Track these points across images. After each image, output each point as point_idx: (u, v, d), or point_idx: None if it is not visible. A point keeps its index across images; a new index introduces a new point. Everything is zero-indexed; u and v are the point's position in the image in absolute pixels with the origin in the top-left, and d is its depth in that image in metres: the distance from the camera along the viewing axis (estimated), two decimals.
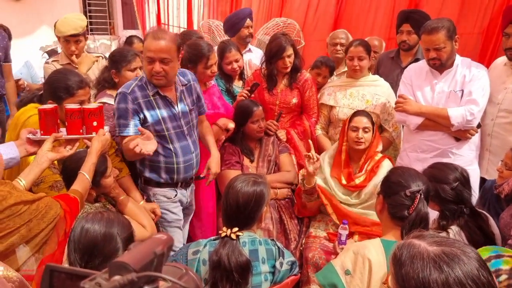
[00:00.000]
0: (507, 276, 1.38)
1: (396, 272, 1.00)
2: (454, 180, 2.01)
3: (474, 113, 2.61)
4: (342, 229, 2.43)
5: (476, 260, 0.95)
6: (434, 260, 0.95)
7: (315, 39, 4.77)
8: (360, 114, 2.73)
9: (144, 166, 2.46)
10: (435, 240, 1.00)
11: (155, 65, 2.22)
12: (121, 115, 2.29)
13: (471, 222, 1.96)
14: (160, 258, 0.59)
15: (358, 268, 1.61)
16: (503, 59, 2.84)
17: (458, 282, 0.91)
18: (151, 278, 0.56)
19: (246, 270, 1.73)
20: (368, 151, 2.71)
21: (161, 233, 0.64)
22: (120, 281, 0.52)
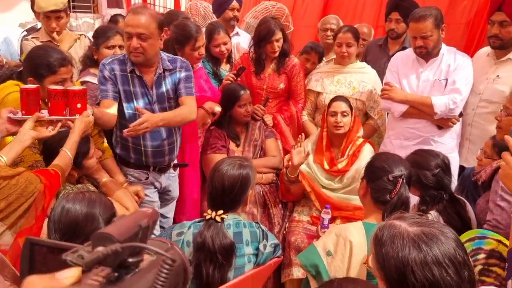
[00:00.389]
0: (485, 255, 1.44)
1: (377, 252, 1.02)
2: (435, 166, 2.06)
3: (457, 102, 2.66)
4: (324, 214, 2.47)
5: (454, 240, 0.98)
6: (413, 239, 0.97)
7: (304, 25, 4.74)
8: (338, 99, 2.77)
9: (117, 142, 2.47)
10: (415, 221, 1.03)
11: (133, 40, 2.19)
12: (100, 82, 2.31)
13: (449, 208, 2.02)
14: (145, 231, 0.57)
15: (339, 250, 1.65)
16: (486, 50, 2.89)
17: (436, 260, 0.94)
18: (136, 250, 0.54)
19: (230, 252, 1.76)
20: (349, 136, 2.74)
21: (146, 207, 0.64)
22: (103, 251, 0.50)
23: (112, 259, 0.51)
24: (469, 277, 0.95)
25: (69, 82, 2.07)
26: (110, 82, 2.30)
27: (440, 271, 0.93)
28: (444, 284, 0.92)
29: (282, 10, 4.36)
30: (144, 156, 2.45)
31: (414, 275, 0.93)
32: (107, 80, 2.29)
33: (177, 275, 0.58)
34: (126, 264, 0.53)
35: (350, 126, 2.73)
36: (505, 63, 2.72)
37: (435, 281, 0.92)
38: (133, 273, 0.54)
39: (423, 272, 0.93)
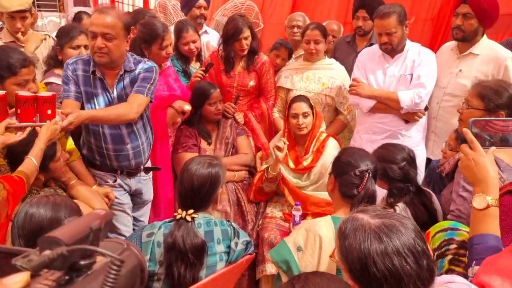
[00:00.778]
0: (457, 245, 1.49)
1: (341, 245, 1.05)
2: (401, 160, 2.11)
3: (422, 96, 2.73)
4: (295, 211, 2.50)
5: (413, 231, 1.01)
6: (374, 231, 1.00)
7: (274, 22, 4.77)
8: (298, 100, 2.76)
9: (83, 144, 2.43)
10: (377, 213, 1.06)
11: (97, 40, 2.13)
12: (63, 82, 2.27)
13: (416, 200, 2.08)
14: (96, 233, 0.56)
15: (309, 245, 1.67)
16: (450, 44, 2.96)
17: (396, 251, 0.97)
18: (87, 253, 0.54)
19: (201, 251, 1.75)
20: (312, 133, 2.76)
21: (100, 209, 0.63)
22: (49, 255, 0.50)
23: (60, 262, 0.51)
24: (427, 265, 0.98)
25: (31, 83, 2.02)
26: (72, 82, 2.25)
27: (400, 261, 0.96)
28: (404, 273, 0.95)
29: (251, 8, 4.37)
30: (108, 159, 2.41)
31: (376, 266, 0.96)
32: (70, 80, 2.25)
33: (133, 276, 0.58)
34: (78, 267, 0.53)
35: (312, 125, 2.75)
36: (467, 57, 2.79)
37: (395, 271, 0.95)
38: (85, 276, 0.54)
39: (384, 262, 0.96)
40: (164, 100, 2.76)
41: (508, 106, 1.92)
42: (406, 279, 0.95)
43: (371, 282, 0.98)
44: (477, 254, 1.26)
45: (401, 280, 0.95)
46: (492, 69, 2.67)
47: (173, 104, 2.81)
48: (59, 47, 2.59)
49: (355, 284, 1.02)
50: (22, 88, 1.98)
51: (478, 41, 2.76)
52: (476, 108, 1.98)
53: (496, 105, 1.93)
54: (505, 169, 1.78)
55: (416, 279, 0.95)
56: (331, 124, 3.26)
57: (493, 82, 2.10)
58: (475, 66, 2.73)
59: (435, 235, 1.61)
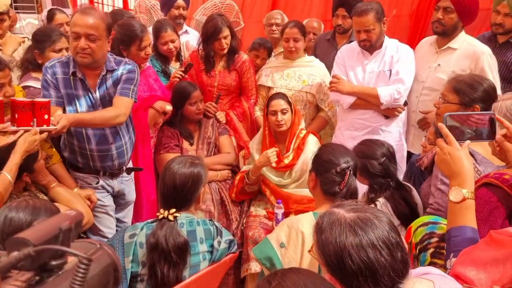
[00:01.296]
0: (438, 238, 1.52)
1: (318, 239, 1.07)
2: (381, 155, 2.14)
3: (401, 92, 2.77)
4: (277, 209, 2.52)
5: (387, 224, 1.03)
6: (350, 225, 1.02)
7: (254, 21, 4.78)
8: (276, 97, 2.76)
9: (65, 146, 2.39)
10: (352, 207, 1.08)
11: (81, 41, 2.11)
12: (43, 87, 2.24)
13: (396, 194, 2.11)
14: (66, 233, 0.57)
15: (292, 241, 1.68)
16: (430, 39, 2.99)
17: (370, 243, 0.99)
18: (58, 253, 0.55)
19: (184, 250, 1.75)
20: (291, 130, 2.77)
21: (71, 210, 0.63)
22: (16, 256, 0.50)
23: (29, 263, 0.51)
24: (402, 257, 1.00)
25: (6, 86, 1.99)
26: (52, 86, 2.22)
27: (374, 253, 0.98)
28: (379, 265, 0.97)
29: (231, 7, 4.38)
30: (91, 160, 2.39)
31: (351, 258, 0.98)
32: (49, 85, 2.22)
33: (106, 274, 0.59)
34: (49, 267, 0.54)
35: (291, 121, 2.76)
36: (445, 52, 2.82)
37: (370, 263, 0.97)
38: (56, 276, 0.54)
39: (359, 255, 0.98)
40: (145, 101, 2.74)
41: (482, 100, 1.95)
42: (380, 271, 0.97)
43: (347, 275, 0.99)
44: (455, 246, 1.29)
45: (375, 272, 0.97)
46: (469, 64, 2.71)
47: (154, 104, 2.80)
48: (39, 50, 2.52)
49: (332, 277, 1.04)
50: None
51: (457, 35, 2.80)
52: (451, 102, 2.01)
53: (471, 99, 1.96)
54: (481, 162, 1.81)
55: (391, 271, 0.97)
56: (313, 121, 3.28)
57: (468, 76, 2.13)
58: (453, 61, 2.77)
59: (417, 230, 1.64)
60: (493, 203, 1.51)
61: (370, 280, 0.97)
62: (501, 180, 1.53)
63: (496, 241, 1.13)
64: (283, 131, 2.75)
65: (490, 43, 3.06)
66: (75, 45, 2.14)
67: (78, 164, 2.41)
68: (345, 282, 1.01)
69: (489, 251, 1.11)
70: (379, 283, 0.97)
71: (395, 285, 0.98)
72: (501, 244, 1.10)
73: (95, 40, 2.13)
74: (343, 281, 1.02)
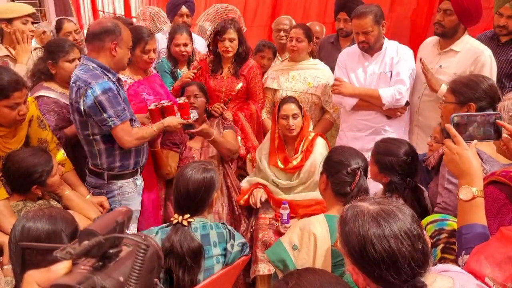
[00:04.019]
0: (447, 234, 1.56)
1: (342, 230, 1.10)
2: (405, 153, 2.11)
3: (402, 93, 2.81)
4: (283, 209, 2.55)
5: (410, 216, 1.07)
6: (373, 216, 1.06)
7: (256, 25, 4.82)
8: (287, 102, 2.77)
9: (114, 156, 2.38)
10: (376, 201, 1.12)
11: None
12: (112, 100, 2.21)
13: (411, 195, 2.11)
14: (121, 226, 0.67)
15: (304, 243, 1.71)
16: (432, 39, 3.00)
17: (393, 234, 1.03)
18: (115, 243, 0.64)
19: (198, 255, 1.79)
20: (301, 133, 2.80)
21: (121, 207, 0.71)
22: (90, 243, 0.60)
23: (96, 250, 0.62)
24: (422, 248, 1.04)
25: (22, 105, 2.03)
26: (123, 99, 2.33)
27: (396, 243, 1.02)
28: (400, 255, 1.01)
29: (233, 12, 4.41)
30: (141, 155, 2.48)
31: (374, 248, 1.02)
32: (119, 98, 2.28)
33: (152, 261, 0.68)
34: (108, 255, 0.64)
35: (301, 125, 2.78)
36: (448, 54, 2.84)
37: (392, 252, 1.01)
38: (115, 261, 0.64)
39: (382, 244, 1.02)
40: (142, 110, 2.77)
41: (479, 99, 1.97)
42: (402, 260, 1.01)
43: (370, 264, 1.03)
44: (466, 244, 1.32)
45: (397, 261, 1.01)
46: (470, 66, 2.73)
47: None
48: (53, 61, 2.55)
49: (355, 267, 1.08)
50: (12, 110, 2.00)
51: (459, 38, 2.80)
52: (449, 102, 2.04)
53: (466, 98, 1.98)
54: (488, 160, 1.84)
55: (411, 261, 1.01)
56: (318, 123, 3.32)
57: (466, 76, 2.15)
58: (455, 63, 2.79)
59: (426, 227, 1.67)
60: (501, 201, 1.54)
61: (392, 269, 1.01)
62: (508, 178, 1.56)
63: (507, 237, 1.16)
64: (294, 135, 2.78)
65: (492, 42, 3.09)
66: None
67: (129, 167, 2.44)
68: (367, 271, 1.05)
69: (501, 248, 1.14)
70: (400, 272, 1.01)
71: (416, 275, 1.01)
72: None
73: None
74: (365, 270, 1.06)
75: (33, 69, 2.64)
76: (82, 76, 2.20)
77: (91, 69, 2.22)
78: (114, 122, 2.22)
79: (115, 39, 2.24)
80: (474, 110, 1.93)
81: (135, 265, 0.62)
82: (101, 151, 2.35)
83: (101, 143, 2.33)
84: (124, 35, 2.26)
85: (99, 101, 2.17)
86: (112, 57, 2.26)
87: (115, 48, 2.25)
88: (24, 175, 2.01)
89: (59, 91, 2.58)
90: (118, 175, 2.42)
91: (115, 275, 0.61)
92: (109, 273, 0.61)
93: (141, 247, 0.63)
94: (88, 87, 2.17)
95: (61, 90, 2.58)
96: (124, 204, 2.46)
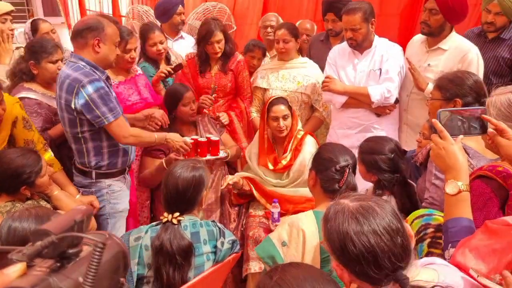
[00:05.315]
0: (434, 229, 1.57)
1: (324, 228, 1.12)
2: (390, 151, 2.13)
3: (391, 91, 2.82)
4: (273, 208, 2.55)
5: (389, 212, 1.09)
6: (352, 213, 1.07)
7: (246, 23, 4.81)
8: (277, 103, 2.74)
9: (102, 154, 2.37)
10: (356, 197, 1.13)
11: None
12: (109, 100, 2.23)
13: (401, 190, 2.13)
14: (80, 224, 0.64)
15: (293, 239, 1.72)
16: (420, 37, 3.00)
17: (372, 230, 1.04)
18: (74, 242, 0.61)
19: (188, 253, 1.79)
20: (290, 133, 2.79)
21: (80, 205, 0.69)
22: (42, 244, 0.57)
23: (51, 250, 0.58)
24: (402, 243, 1.05)
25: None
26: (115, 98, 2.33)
27: (375, 239, 1.03)
28: (379, 250, 1.02)
29: (223, 10, 4.41)
30: (129, 154, 2.47)
31: (353, 244, 1.03)
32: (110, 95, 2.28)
33: (116, 260, 0.66)
34: (67, 255, 0.60)
35: (291, 125, 2.78)
36: (435, 52, 2.85)
37: (371, 248, 1.03)
38: (74, 262, 0.61)
39: (361, 240, 1.03)
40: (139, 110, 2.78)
41: (465, 95, 1.98)
42: (381, 255, 1.02)
43: (351, 260, 1.05)
44: (452, 237, 1.33)
45: (377, 257, 1.02)
46: (457, 64, 2.74)
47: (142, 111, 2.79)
48: (35, 61, 2.50)
49: (339, 263, 1.09)
50: None
51: (446, 36, 2.81)
52: (435, 99, 2.06)
53: (452, 94, 2.00)
54: (474, 156, 1.86)
55: (391, 255, 1.03)
56: (308, 121, 3.32)
57: (452, 73, 2.16)
58: (443, 61, 2.80)
59: (412, 222, 1.68)
60: (487, 194, 1.57)
61: (373, 264, 1.02)
62: (495, 172, 1.58)
63: (491, 230, 1.17)
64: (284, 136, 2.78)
65: (479, 39, 3.11)
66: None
67: (117, 166, 2.43)
68: (350, 267, 1.07)
69: (486, 241, 1.16)
70: (381, 267, 1.02)
71: (397, 269, 1.03)
72: (498, 233, 1.15)
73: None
74: (348, 266, 1.07)
75: (13, 68, 2.58)
76: (73, 74, 2.18)
77: (81, 67, 2.21)
78: (109, 119, 2.22)
79: (98, 35, 2.21)
80: (460, 105, 1.95)
81: (91, 265, 0.58)
82: (89, 149, 2.34)
83: (89, 141, 2.32)
84: (108, 31, 2.23)
85: (92, 99, 2.17)
86: (95, 54, 2.23)
87: (98, 44, 2.22)
88: (12, 175, 1.99)
89: (41, 91, 2.54)
90: (106, 174, 2.42)
91: (74, 276, 0.58)
92: (67, 274, 0.58)
93: (98, 245, 0.59)
94: (80, 85, 2.16)
95: (43, 91, 2.55)
96: (114, 203, 2.46)
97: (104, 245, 0.59)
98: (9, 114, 2.17)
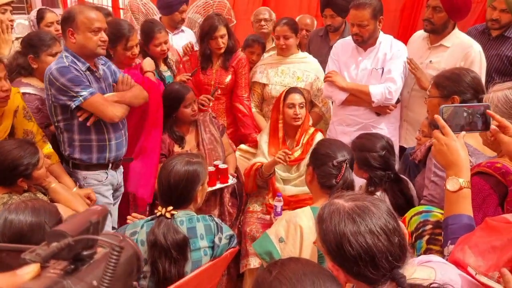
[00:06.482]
0: (432, 226, 1.57)
1: (319, 229, 1.11)
2: (381, 148, 2.15)
3: (392, 92, 2.79)
4: (277, 201, 2.54)
5: (385, 211, 1.08)
6: (348, 213, 1.06)
7: (246, 17, 4.78)
8: (293, 91, 2.80)
9: (73, 147, 2.40)
10: (351, 197, 1.12)
11: (102, 34, 2.27)
12: (76, 80, 2.23)
13: (394, 187, 2.14)
14: (95, 226, 0.62)
15: (290, 235, 1.71)
16: (422, 33, 2.99)
17: (369, 230, 1.03)
18: (89, 244, 0.60)
19: (183, 247, 1.77)
20: (303, 126, 2.81)
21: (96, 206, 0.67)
22: (58, 246, 0.55)
23: (66, 252, 0.57)
24: (399, 242, 1.05)
25: (2, 81, 2.02)
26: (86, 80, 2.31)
27: (372, 239, 1.02)
28: (377, 250, 1.02)
29: (223, 4, 4.37)
30: (108, 152, 2.44)
31: (350, 245, 1.02)
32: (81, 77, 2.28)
33: (130, 264, 0.64)
34: (81, 257, 0.59)
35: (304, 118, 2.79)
36: (438, 49, 2.83)
37: (368, 248, 1.02)
38: (88, 264, 0.59)
39: (358, 241, 1.02)
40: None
41: (463, 92, 1.96)
42: (379, 256, 1.01)
43: (348, 261, 1.04)
44: (452, 234, 1.33)
45: (374, 257, 1.01)
46: (460, 61, 2.72)
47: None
48: (34, 55, 2.45)
49: (334, 264, 1.08)
50: None
51: (449, 33, 2.79)
52: (433, 96, 2.04)
53: (450, 91, 1.98)
54: (473, 153, 1.85)
55: (389, 255, 1.02)
56: None
57: (449, 70, 2.14)
58: (445, 58, 2.78)
59: (411, 219, 1.67)
60: (486, 191, 1.56)
61: (370, 265, 1.01)
62: (493, 169, 1.57)
63: (491, 227, 1.16)
64: (295, 125, 2.78)
65: (483, 36, 3.10)
66: (97, 39, 2.25)
67: (91, 162, 2.43)
68: (346, 268, 1.06)
69: (486, 238, 1.15)
70: (378, 267, 1.01)
71: (394, 268, 1.02)
72: (497, 231, 1.14)
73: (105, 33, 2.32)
74: (345, 267, 1.06)
75: (11, 63, 2.48)
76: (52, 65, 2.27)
77: (62, 57, 2.28)
78: (84, 96, 2.24)
79: (70, 25, 2.24)
80: (458, 102, 1.93)
81: (107, 268, 0.56)
82: (64, 140, 2.40)
83: (64, 131, 2.37)
84: (78, 20, 2.23)
85: (62, 83, 2.21)
86: (73, 44, 2.27)
87: (71, 35, 2.25)
88: (9, 167, 1.97)
89: (40, 86, 2.47)
90: (79, 165, 2.45)
91: (88, 279, 0.57)
92: (82, 277, 0.57)
93: (115, 248, 0.58)
94: (49, 72, 2.23)
95: (42, 86, 2.48)
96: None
97: (122, 249, 0.58)
98: (11, 104, 2.16)
